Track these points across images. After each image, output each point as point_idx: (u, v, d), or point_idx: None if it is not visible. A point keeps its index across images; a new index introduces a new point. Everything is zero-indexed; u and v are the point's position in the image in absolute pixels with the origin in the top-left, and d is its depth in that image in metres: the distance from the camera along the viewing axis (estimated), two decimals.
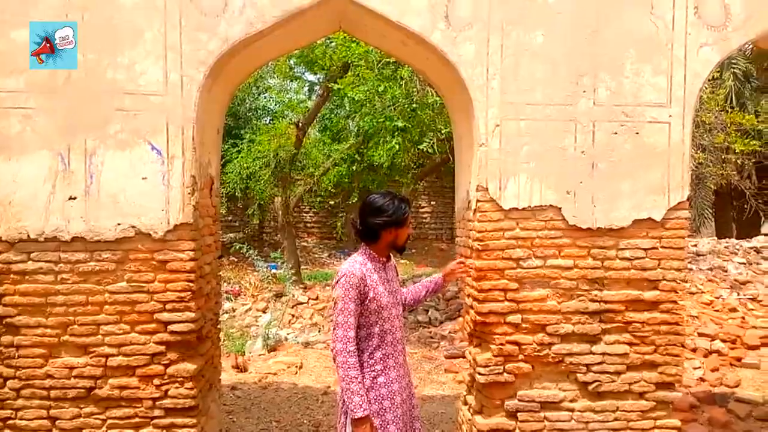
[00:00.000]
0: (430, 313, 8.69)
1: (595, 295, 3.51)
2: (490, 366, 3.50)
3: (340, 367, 2.64)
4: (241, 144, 10.17)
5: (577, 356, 3.52)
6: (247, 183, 10.07)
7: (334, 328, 2.69)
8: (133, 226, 3.32)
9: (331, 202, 14.99)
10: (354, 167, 8.80)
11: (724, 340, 6.51)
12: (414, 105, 6.26)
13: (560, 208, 3.47)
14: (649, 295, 3.53)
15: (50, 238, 3.30)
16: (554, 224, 3.48)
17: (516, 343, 3.50)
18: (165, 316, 3.36)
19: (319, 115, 11.38)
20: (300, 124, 9.65)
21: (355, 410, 2.60)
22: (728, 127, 8.74)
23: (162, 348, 3.38)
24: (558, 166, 3.45)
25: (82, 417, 3.37)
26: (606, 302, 3.51)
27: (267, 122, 13.79)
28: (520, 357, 3.51)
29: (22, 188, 3.28)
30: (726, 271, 9.02)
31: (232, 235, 13.87)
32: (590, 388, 3.54)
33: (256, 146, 9.49)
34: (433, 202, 16.81)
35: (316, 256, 16.43)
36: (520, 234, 3.48)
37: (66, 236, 3.30)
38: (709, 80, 3.49)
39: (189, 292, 3.37)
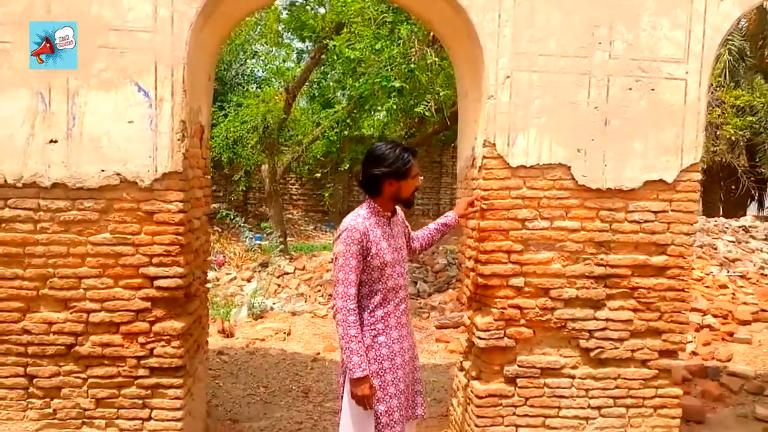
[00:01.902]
0: (418, 285, 8.57)
1: (602, 259, 3.38)
2: (490, 330, 3.37)
3: (340, 325, 2.51)
4: (228, 108, 9.87)
5: (580, 322, 3.41)
6: (233, 149, 9.79)
7: (335, 285, 2.55)
8: (118, 174, 3.11)
9: (318, 174, 14.78)
10: (346, 132, 8.55)
11: (715, 315, 6.49)
12: (412, 65, 6.04)
13: (569, 167, 3.31)
14: (656, 260, 3.41)
15: (29, 184, 3.08)
16: (562, 184, 3.33)
17: (518, 307, 3.37)
18: (151, 270, 3.16)
19: (308, 82, 11.10)
20: (289, 88, 9.37)
21: (353, 370, 2.47)
22: (724, 103, 8.65)
23: (147, 304, 3.18)
24: (569, 121, 3.29)
25: (62, 375, 3.18)
26: (612, 266, 3.39)
27: (255, 89, 13.46)
28: (522, 321, 3.38)
29: None
30: (715, 249, 9.01)
31: (216, 205, 13.61)
32: (592, 354, 3.43)
33: (243, 110, 9.20)
34: (421, 177, 16.64)
35: (302, 228, 16.25)
36: (526, 193, 3.33)
37: (46, 182, 3.08)
38: None
39: (177, 246, 3.17)
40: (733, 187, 13.78)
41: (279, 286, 9.03)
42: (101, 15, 3.06)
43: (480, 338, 3.38)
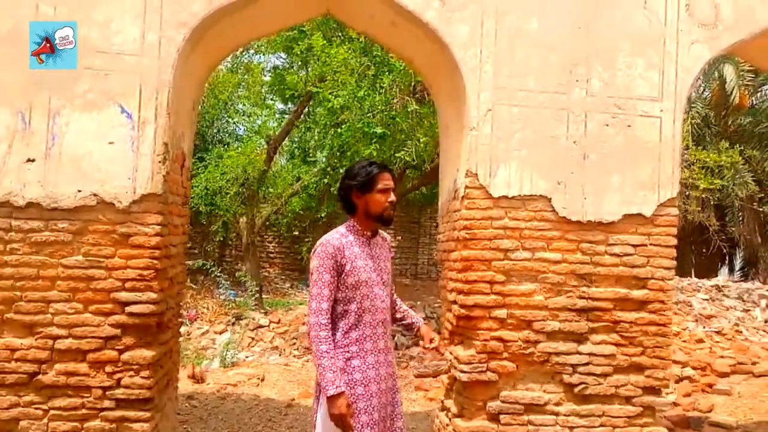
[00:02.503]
0: (396, 338, 8.42)
1: (584, 292, 3.37)
2: (473, 363, 3.29)
3: (313, 341, 2.38)
4: (209, 159, 9.88)
5: (564, 356, 3.36)
6: (212, 199, 9.71)
7: (309, 301, 2.45)
8: (95, 194, 3.05)
9: (296, 232, 14.69)
10: (326, 180, 8.55)
11: (694, 368, 6.45)
12: (393, 113, 6.16)
13: (550, 199, 3.35)
14: (637, 293, 3.41)
15: (2, 203, 3.00)
16: (544, 215, 3.36)
17: (501, 339, 3.32)
18: (123, 295, 3.05)
19: (289, 139, 11.22)
20: (271, 141, 9.43)
21: (327, 387, 2.31)
22: (694, 164, 8.91)
23: (117, 331, 3.06)
24: (549, 155, 3.36)
25: (21, 406, 3.00)
26: (594, 299, 3.38)
27: (236, 146, 13.54)
28: (505, 355, 3.32)
29: None
30: (690, 306, 9.08)
31: (190, 262, 13.34)
32: (576, 390, 3.36)
33: (224, 161, 9.20)
34: (399, 237, 16.68)
35: (278, 286, 15.96)
36: (508, 224, 3.34)
37: (20, 201, 3.00)
38: None
39: (152, 271, 3.08)
40: (704, 249, 14.04)
41: (253, 339, 8.77)
42: (88, 37, 3.08)
43: (462, 371, 3.29)
